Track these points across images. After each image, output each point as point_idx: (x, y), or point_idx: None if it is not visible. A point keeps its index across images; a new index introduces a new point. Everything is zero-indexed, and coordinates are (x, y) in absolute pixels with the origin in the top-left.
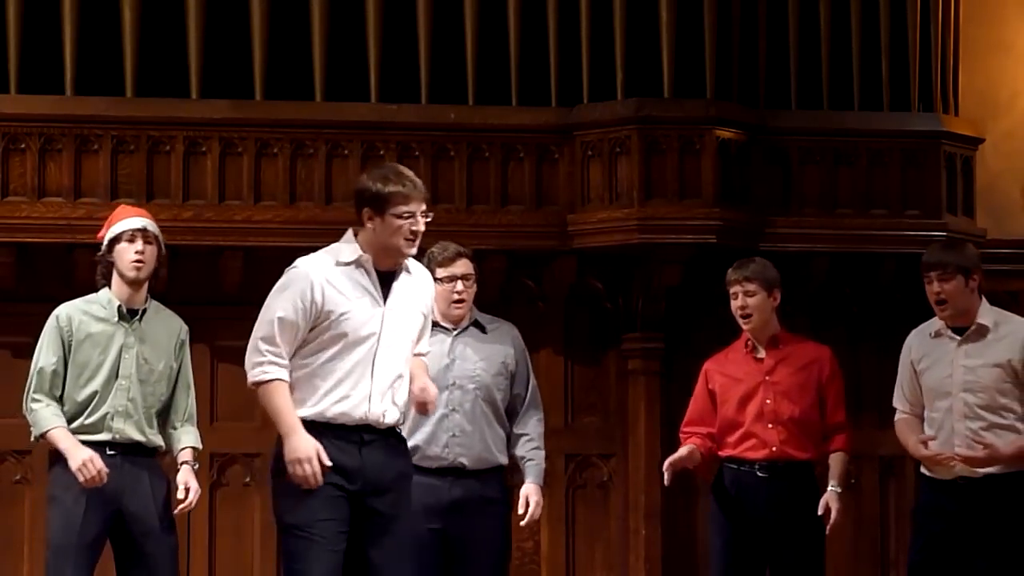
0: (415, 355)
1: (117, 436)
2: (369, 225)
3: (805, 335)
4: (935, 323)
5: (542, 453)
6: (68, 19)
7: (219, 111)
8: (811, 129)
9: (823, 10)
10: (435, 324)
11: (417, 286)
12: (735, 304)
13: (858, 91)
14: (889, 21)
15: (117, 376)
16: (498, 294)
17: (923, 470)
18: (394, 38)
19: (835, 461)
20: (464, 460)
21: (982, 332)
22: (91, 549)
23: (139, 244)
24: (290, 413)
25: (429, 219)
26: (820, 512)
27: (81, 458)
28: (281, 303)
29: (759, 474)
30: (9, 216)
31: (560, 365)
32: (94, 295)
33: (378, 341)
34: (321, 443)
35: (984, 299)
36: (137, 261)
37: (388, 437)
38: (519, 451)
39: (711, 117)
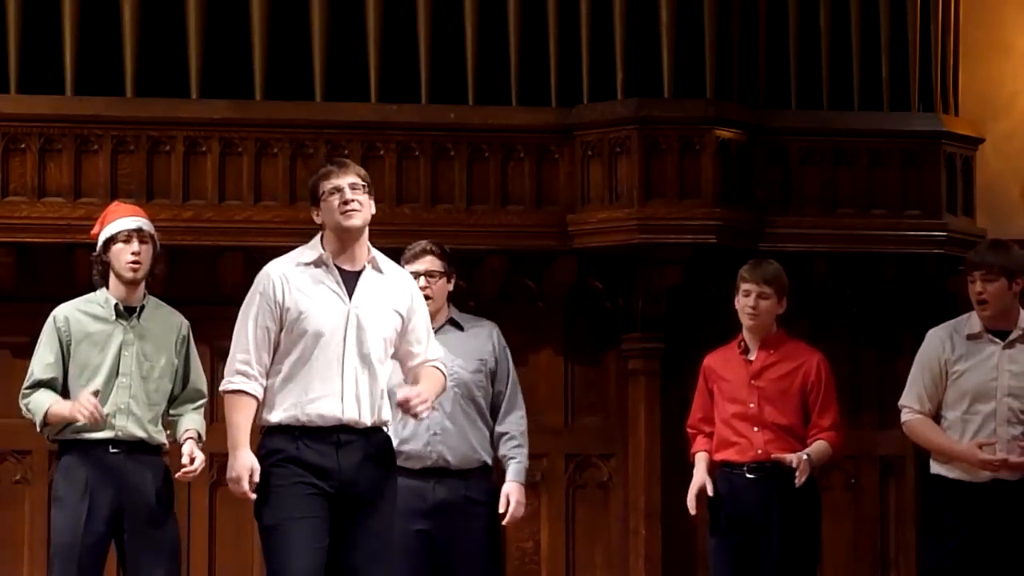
0: (424, 363)
1: (120, 434)
2: (318, 220)
3: (802, 337)
4: (966, 324)
5: (524, 451)
6: (68, 19)
7: (219, 111)
8: (811, 129)
9: (823, 10)
10: None
11: (392, 285)
12: (745, 302)
13: (858, 91)
14: (889, 21)
15: (118, 374)
16: (498, 294)
17: (942, 471)
18: (394, 38)
19: (815, 445)
20: (448, 457)
21: None
22: (96, 549)
23: (135, 245)
24: (239, 428)
25: (363, 194)
26: (795, 466)
27: (74, 405)
28: (249, 308)
29: (748, 476)
30: (9, 216)
31: (560, 365)
32: (92, 295)
33: (344, 340)
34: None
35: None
36: (134, 262)
37: (369, 437)
38: (502, 450)
39: (711, 117)
